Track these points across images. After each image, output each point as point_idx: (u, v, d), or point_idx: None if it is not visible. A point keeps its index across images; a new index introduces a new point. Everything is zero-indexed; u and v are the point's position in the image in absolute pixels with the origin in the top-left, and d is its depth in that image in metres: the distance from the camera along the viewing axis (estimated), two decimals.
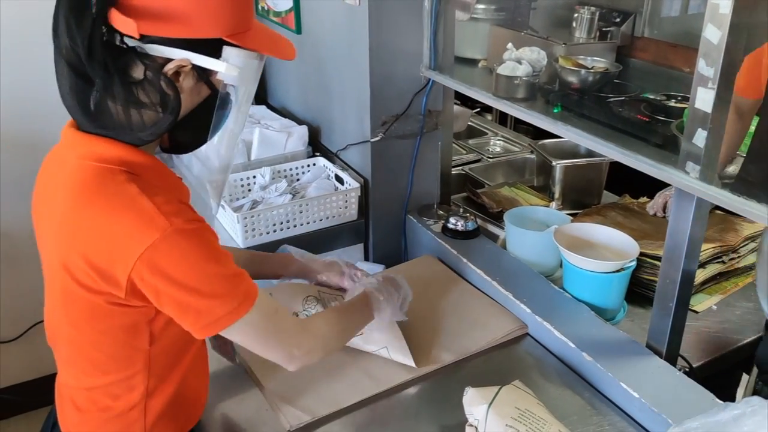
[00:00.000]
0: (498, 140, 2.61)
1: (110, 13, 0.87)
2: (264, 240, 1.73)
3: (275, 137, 2.05)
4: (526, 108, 1.49)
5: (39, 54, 1.60)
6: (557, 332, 1.37)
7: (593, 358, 1.29)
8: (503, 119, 3.03)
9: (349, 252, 1.88)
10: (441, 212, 1.87)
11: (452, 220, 1.75)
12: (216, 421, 1.24)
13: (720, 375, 1.45)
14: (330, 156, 2.02)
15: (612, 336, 1.36)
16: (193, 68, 0.95)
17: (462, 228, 1.74)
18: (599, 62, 1.72)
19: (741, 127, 1.57)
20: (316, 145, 2.11)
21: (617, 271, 1.45)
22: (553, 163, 2.02)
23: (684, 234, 1.18)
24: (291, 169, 1.99)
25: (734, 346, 1.45)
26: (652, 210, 1.83)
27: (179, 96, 0.95)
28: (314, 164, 2.02)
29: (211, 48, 0.94)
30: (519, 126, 2.94)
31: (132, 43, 0.90)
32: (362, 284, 1.32)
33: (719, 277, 1.64)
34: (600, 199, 2.05)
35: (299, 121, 2.19)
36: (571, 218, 1.74)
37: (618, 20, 1.93)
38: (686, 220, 1.17)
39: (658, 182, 1.21)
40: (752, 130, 1.60)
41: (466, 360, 1.39)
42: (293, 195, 1.86)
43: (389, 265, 1.80)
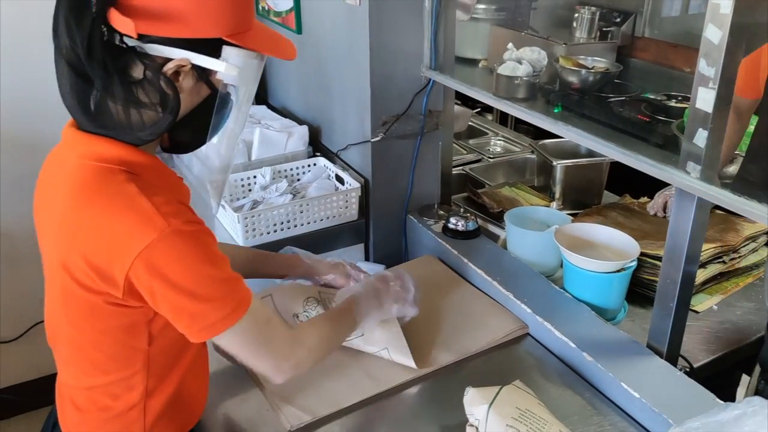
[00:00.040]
0: (498, 140, 2.61)
1: (110, 13, 0.87)
2: (264, 240, 1.73)
3: (276, 137, 2.05)
4: (527, 108, 1.49)
5: (39, 54, 1.60)
6: (558, 332, 1.37)
7: (594, 358, 1.29)
8: (504, 119, 3.03)
9: (350, 252, 1.88)
10: (441, 212, 1.87)
11: (453, 220, 1.75)
12: (217, 421, 1.24)
13: (721, 375, 1.45)
14: (330, 156, 2.02)
15: (613, 336, 1.36)
16: (193, 68, 0.95)
17: (462, 228, 1.74)
18: (600, 62, 1.73)
19: (740, 127, 1.57)
20: (317, 145, 2.11)
21: (618, 271, 1.45)
22: (554, 163, 2.02)
23: (685, 234, 1.18)
24: (291, 169, 1.99)
25: (735, 347, 1.45)
26: (653, 210, 1.83)
27: (178, 96, 0.95)
28: (315, 164, 2.02)
29: (211, 48, 0.94)
30: (519, 126, 2.94)
31: (132, 43, 0.90)
32: (349, 290, 1.30)
33: (720, 277, 1.64)
34: (600, 199, 2.05)
35: (300, 121, 2.19)
36: (572, 218, 1.74)
37: (618, 20, 1.93)
38: (687, 220, 1.17)
39: (659, 182, 1.21)
40: (751, 130, 1.60)
41: (467, 360, 1.39)
42: (294, 195, 1.86)
43: (390, 266, 1.80)
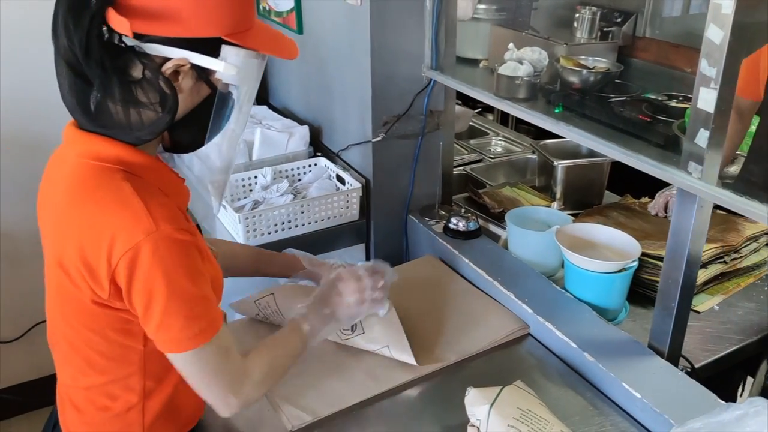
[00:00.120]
0: (499, 140, 2.61)
1: (108, 13, 0.87)
2: (265, 240, 1.73)
3: (277, 137, 2.05)
4: (528, 108, 1.49)
5: (39, 54, 1.60)
6: (559, 332, 1.37)
7: (595, 359, 1.29)
8: (504, 119, 3.03)
9: (351, 252, 1.88)
10: (442, 212, 1.87)
11: (454, 221, 1.75)
12: (217, 422, 1.23)
13: (722, 375, 1.45)
14: (331, 156, 2.02)
15: (614, 336, 1.36)
16: (192, 67, 0.95)
17: (463, 228, 1.73)
18: (600, 62, 1.73)
19: (741, 127, 1.57)
20: (318, 146, 2.11)
21: (619, 272, 1.45)
22: (555, 164, 2.02)
23: (686, 234, 1.18)
24: (292, 170, 1.99)
25: (736, 347, 1.45)
26: (654, 210, 1.83)
27: (176, 95, 0.94)
28: (315, 164, 2.02)
29: (210, 47, 0.94)
30: (520, 126, 2.94)
31: (130, 43, 0.90)
32: (295, 312, 1.19)
33: (721, 278, 1.64)
34: (601, 200, 2.04)
35: (301, 122, 2.19)
36: (573, 218, 1.74)
37: (619, 20, 1.93)
38: (688, 220, 1.17)
39: (660, 182, 1.21)
40: (752, 130, 1.60)
41: (468, 360, 1.39)
42: (295, 195, 1.86)
43: (391, 265, 1.78)
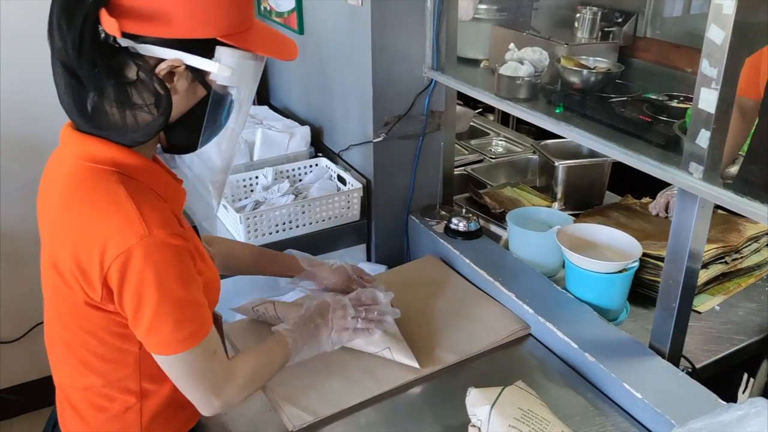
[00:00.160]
0: (500, 141, 2.61)
1: (100, 13, 0.86)
2: (266, 240, 1.73)
3: (278, 138, 2.05)
4: (529, 108, 1.49)
5: (39, 55, 1.59)
6: (560, 333, 1.37)
7: (596, 359, 1.29)
8: (505, 120, 3.03)
9: (352, 253, 1.88)
10: (443, 213, 1.87)
11: (454, 221, 1.75)
12: (217, 422, 1.23)
13: (723, 376, 1.45)
14: (332, 156, 2.02)
15: (615, 336, 1.36)
16: (187, 69, 0.94)
17: (464, 228, 1.73)
18: (601, 62, 1.72)
19: (744, 127, 1.57)
20: (319, 146, 2.11)
21: (620, 272, 1.45)
22: (556, 164, 2.02)
23: (687, 234, 1.18)
24: (293, 170, 1.99)
25: (737, 347, 1.45)
26: (655, 210, 1.83)
27: (170, 97, 0.94)
28: (316, 165, 2.02)
29: (204, 48, 0.93)
30: (521, 126, 2.94)
31: (125, 43, 0.89)
32: (280, 326, 1.21)
33: (722, 278, 1.63)
34: (602, 200, 2.04)
35: (301, 122, 2.19)
36: (574, 219, 1.74)
37: (620, 20, 1.93)
38: (689, 221, 1.17)
39: (661, 182, 1.21)
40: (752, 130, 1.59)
41: (469, 360, 1.39)
42: (295, 195, 1.86)
43: (392, 266, 1.80)
